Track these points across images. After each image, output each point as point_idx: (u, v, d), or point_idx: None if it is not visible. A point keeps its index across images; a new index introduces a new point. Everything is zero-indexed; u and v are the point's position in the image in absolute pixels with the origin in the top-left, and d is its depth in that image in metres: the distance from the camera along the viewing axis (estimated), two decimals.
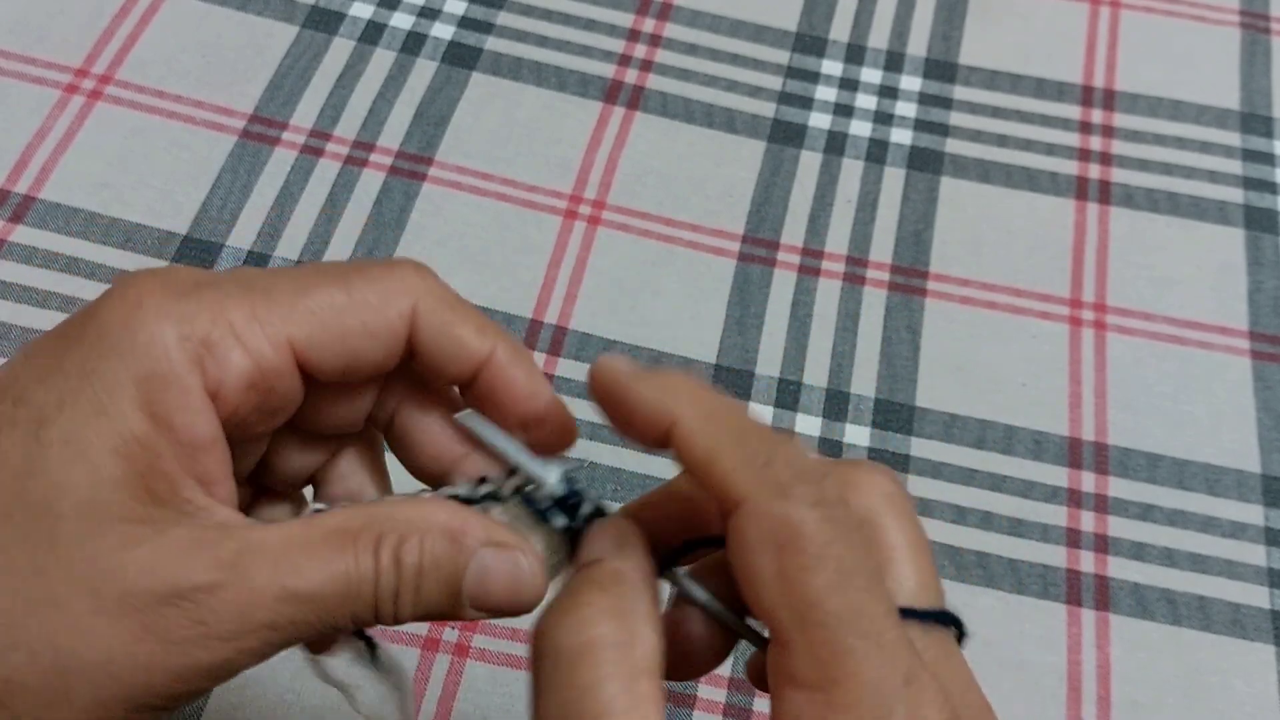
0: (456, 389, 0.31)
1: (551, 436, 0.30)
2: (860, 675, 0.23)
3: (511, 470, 0.30)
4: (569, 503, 0.29)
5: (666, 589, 0.29)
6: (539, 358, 0.52)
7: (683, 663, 0.29)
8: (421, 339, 0.29)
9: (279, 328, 0.27)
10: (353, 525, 0.27)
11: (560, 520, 0.29)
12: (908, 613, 0.26)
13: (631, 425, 0.27)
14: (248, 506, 0.32)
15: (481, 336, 0.29)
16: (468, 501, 0.29)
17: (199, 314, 0.26)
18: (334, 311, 0.28)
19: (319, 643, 0.31)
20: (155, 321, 0.26)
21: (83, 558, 0.25)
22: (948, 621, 0.27)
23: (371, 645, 0.33)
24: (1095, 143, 0.62)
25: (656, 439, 0.26)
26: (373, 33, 0.62)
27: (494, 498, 0.29)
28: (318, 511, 0.29)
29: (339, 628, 0.27)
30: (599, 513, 0.29)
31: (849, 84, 0.63)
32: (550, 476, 0.29)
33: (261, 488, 0.32)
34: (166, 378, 0.26)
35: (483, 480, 0.30)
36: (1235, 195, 0.60)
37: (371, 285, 0.28)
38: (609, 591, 0.25)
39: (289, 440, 0.31)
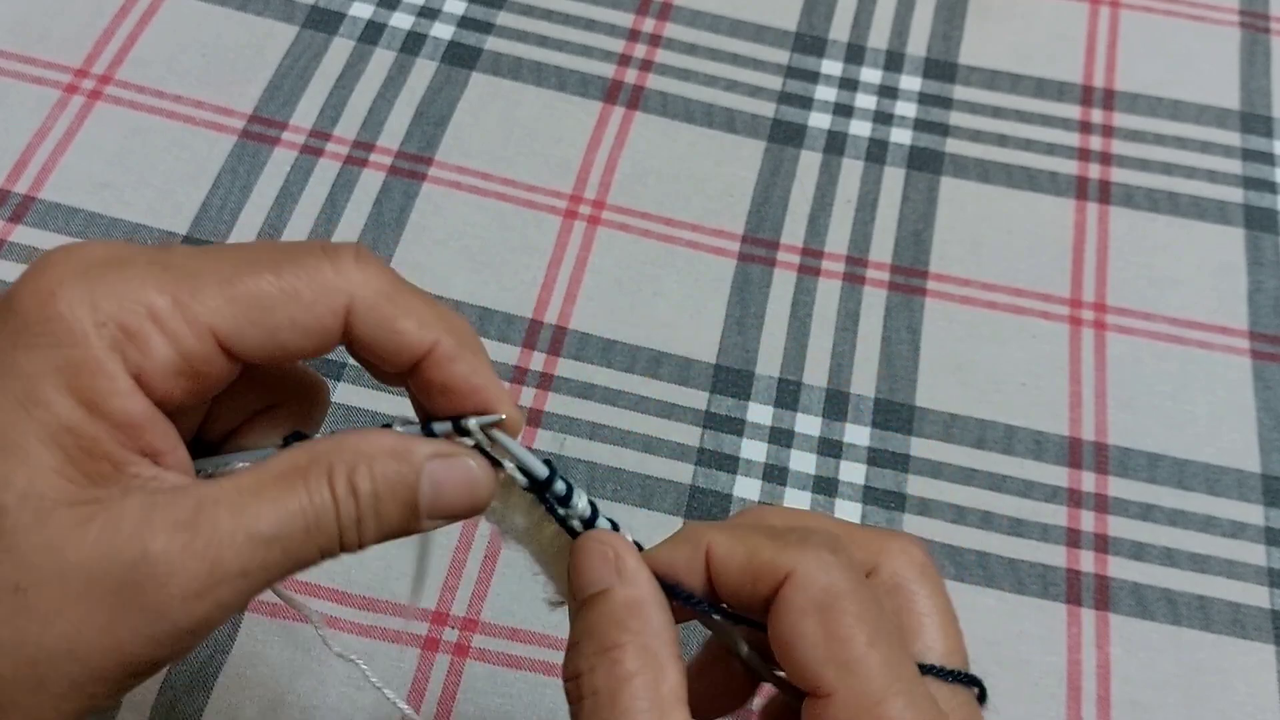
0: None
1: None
2: None
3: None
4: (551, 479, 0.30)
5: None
6: (538, 358, 0.52)
7: (710, 704, 0.31)
8: (358, 333, 0.28)
9: (202, 316, 0.26)
10: (302, 462, 0.27)
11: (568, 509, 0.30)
12: (939, 672, 0.29)
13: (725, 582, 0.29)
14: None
15: (423, 329, 0.29)
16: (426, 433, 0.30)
17: (113, 297, 0.26)
18: (261, 304, 0.27)
19: None
20: (70, 308, 0.26)
21: (37, 547, 0.25)
22: (971, 683, 0.30)
23: None
24: (1095, 142, 0.61)
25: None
26: (372, 33, 0.62)
27: (459, 430, 0.29)
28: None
29: (308, 564, 0.27)
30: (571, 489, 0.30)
31: (849, 84, 0.63)
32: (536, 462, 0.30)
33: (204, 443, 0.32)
34: (89, 364, 0.25)
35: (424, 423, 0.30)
36: (1235, 195, 0.60)
37: (305, 276, 0.27)
38: (630, 629, 0.28)
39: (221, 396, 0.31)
